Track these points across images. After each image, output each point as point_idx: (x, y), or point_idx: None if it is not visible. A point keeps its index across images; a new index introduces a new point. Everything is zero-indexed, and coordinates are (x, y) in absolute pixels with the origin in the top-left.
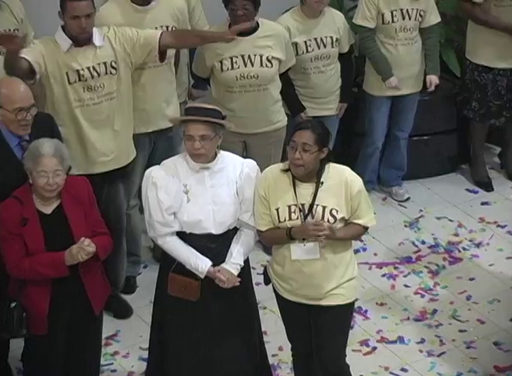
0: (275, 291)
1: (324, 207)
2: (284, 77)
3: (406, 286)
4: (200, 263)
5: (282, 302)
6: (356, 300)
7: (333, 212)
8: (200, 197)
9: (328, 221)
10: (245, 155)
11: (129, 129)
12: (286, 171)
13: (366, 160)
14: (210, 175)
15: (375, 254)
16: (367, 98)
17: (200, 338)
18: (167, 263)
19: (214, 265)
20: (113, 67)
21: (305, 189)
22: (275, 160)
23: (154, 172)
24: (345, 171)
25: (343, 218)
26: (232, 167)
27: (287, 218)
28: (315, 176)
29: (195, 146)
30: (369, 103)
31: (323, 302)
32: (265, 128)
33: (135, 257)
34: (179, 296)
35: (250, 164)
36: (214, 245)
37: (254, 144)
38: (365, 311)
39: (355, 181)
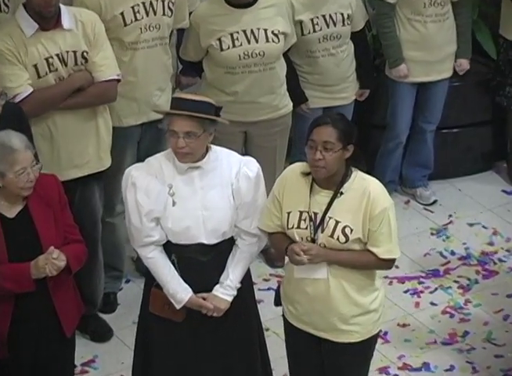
0: (283, 314)
1: (337, 223)
2: (286, 58)
3: (433, 304)
4: (180, 290)
5: (288, 329)
6: (378, 334)
7: (346, 230)
8: (188, 200)
9: (338, 239)
10: (244, 150)
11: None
12: (306, 174)
13: (388, 156)
14: (200, 175)
15: (396, 267)
16: (389, 84)
17: (188, 364)
18: (153, 277)
19: (206, 285)
20: (84, 58)
21: (322, 197)
22: (281, 152)
23: (134, 171)
24: (371, 184)
25: (359, 240)
26: (228, 165)
27: (295, 226)
28: (337, 183)
29: (178, 143)
30: (391, 90)
31: (332, 337)
32: (269, 115)
33: (117, 272)
34: (162, 315)
35: (250, 162)
36: (206, 258)
37: (257, 134)
38: (385, 333)
39: (380, 199)
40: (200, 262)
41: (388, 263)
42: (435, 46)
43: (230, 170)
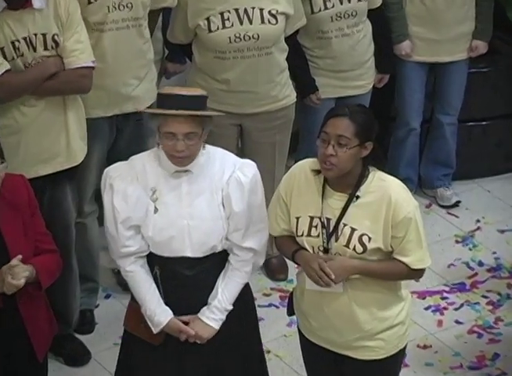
0: (298, 328)
1: (353, 230)
2: (291, 42)
3: (458, 322)
4: (158, 312)
5: (304, 344)
6: (405, 347)
7: (364, 239)
8: (173, 206)
9: (355, 249)
10: (240, 146)
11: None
12: (317, 172)
13: (399, 147)
14: (188, 180)
15: (417, 281)
16: (396, 66)
17: None
18: None
19: (191, 304)
20: (55, 42)
21: (335, 201)
22: (282, 150)
23: (113, 171)
24: (392, 185)
25: (377, 249)
26: (220, 168)
27: (305, 233)
28: (352, 185)
29: (178, 147)
30: (397, 70)
31: (353, 354)
32: (267, 107)
33: (92, 283)
34: (137, 335)
35: (246, 165)
36: (193, 273)
37: (253, 128)
38: (404, 356)
39: (404, 202)
40: (185, 276)
41: (419, 273)
42: (444, 23)
43: (222, 173)
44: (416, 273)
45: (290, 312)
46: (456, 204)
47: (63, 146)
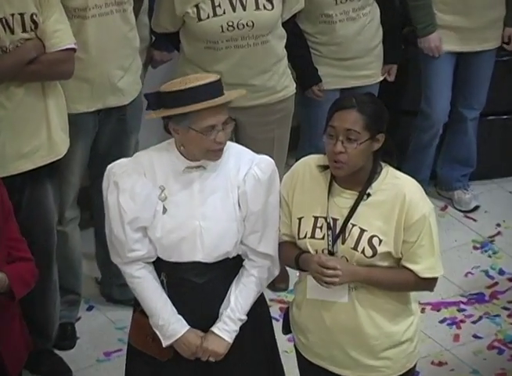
0: (295, 345)
1: (362, 231)
2: (289, 27)
3: (477, 337)
4: (173, 321)
5: (301, 363)
6: (415, 366)
7: (374, 241)
8: (183, 206)
9: (363, 252)
10: (234, 139)
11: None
12: (324, 168)
13: (423, 152)
14: (200, 177)
15: (430, 291)
16: (421, 57)
17: None
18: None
19: (201, 315)
20: (33, 22)
21: (343, 199)
22: (281, 146)
23: (117, 168)
24: (406, 184)
25: (388, 254)
26: (235, 164)
27: (309, 235)
28: (363, 181)
29: (220, 138)
30: (424, 64)
31: (356, 375)
32: (264, 99)
33: (73, 295)
34: (143, 350)
35: (263, 161)
36: (203, 280)
37: (249, 123)
38: (417, 374)
39: (419, 203)
40: (194, 284)
41: (429, 283)
42: (474, 9)
43: (238, 170)
44: (426, 284)
45: (286, 330)
46: (475, 209)
47: (44, 138)
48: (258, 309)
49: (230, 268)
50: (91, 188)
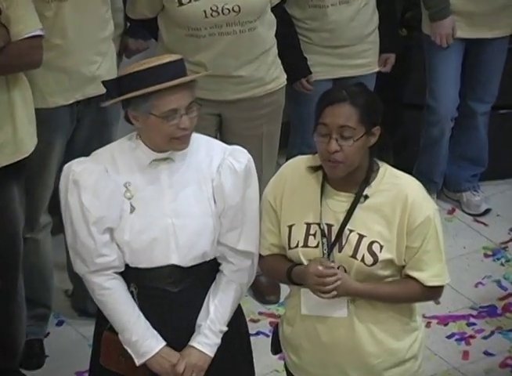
0: (285, 365)
1: (361, 237)
2: (277, 13)
3: (488, 354)
4: (148, 337)
5: None
6: None
7: (374, 248)
8: (153, 203)
9: (363, 260)
10: (219, 137)
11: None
12: (315, 169)
13: (433, 149)
14: (169, 170)
15: (437, 303)
16: (426, 45)
17: None
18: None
19: (176, 329)
20: None
21: (338, 203)
22: (270, 144)
23: (76, 165)
24: (408, 184)
25: (390, 262)
26: (207, 155)
27: (301, 244)
28: (359, 182)
29: (184, 123)
30: (429, 52)
31: None
32: (252, 92)
33: (42, 309)
34: (116, 371)
35: (237, 151)
36: (178, 289)
37: (235, 118)
38: None
39: (422, 204)
40: (168, 293)
41: (436, 292)
42: None
43: (210, 161)
44: (432, 293)
45: (276, 349)
46: (486, 212)
47: (9, 135)
48: (237, 321)
49: (206, 273)
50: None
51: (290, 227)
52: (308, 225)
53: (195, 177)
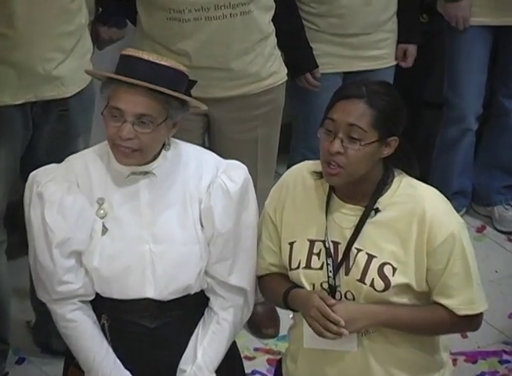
0: None
1: (371, 258)
2: None
3: None
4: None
5: None
6: None
7: (386, 270)
8: (129, 225)
9: (373, 285)
10: (206, 144)
11: None
12: (320, 175)
13: (449, 151)
14: (149, 187)
15: (464, 337)
16: (448, 32)
17: None
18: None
19: (153, 369)
20: None
21: (346, 217)
22: (268, 149)
23: (42, 175)
24: (425, 194)
25: (405, 287)
26: (196, 170)
27: (303, 265)
28: (368, 194)
29: (122, 131)
30: (451, 40)
31: None
32: (245, 89)
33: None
34: None
35: (233, 167)
36: (155, 324)
37: (226, 119)
38: None
39: (444, 219)
40: (145, 329)
41: (471, 322)
42: None
43: (200, 178)
44: (466, 323)
45: None
46: None
47: None
48: (228, 362)
49: (191, 308)
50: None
51: (291, 244)
52: (312, 242)
53: (180, 197)
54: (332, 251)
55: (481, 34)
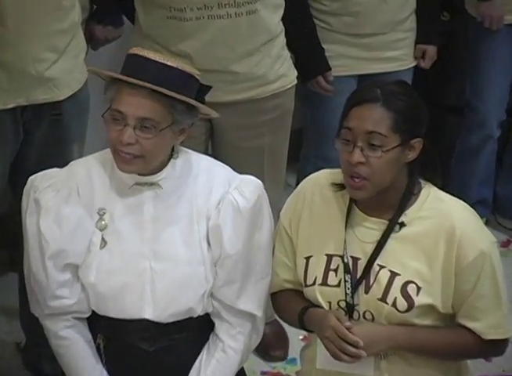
0: None
1: (394, 275)
2: None
3: None
4: None
5: None
6: None
7: (410, 290)
8: (130, 239)
9: (395, 305)
10: (211, 149)
11: None
12: (340, 187)
13: (470, 159)
14: (154, 199)
15: (488, 360)
16: (472, 30)
17: None
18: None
19: None
20: None
21: (367, 231)
22: (276, 158)
23: (41, 180)
24: (454, 209)
25: (429, 308)
26: (205, 184)
27: (319, 281)
28: (394, 206)
29: (123, 135)
30: (474, 39)
31: None
32: (251, 92)
33: None
34: None
35: (245, 182)
36: (153, 347)
37: (231, 126)
38: None
39: (474, 237)
40: (143, 352)
41: (495, 347)
42: None
43: (209, 193)
44: (491, 348)
45: None
46: None
47: None
48: None
49: (193, 331)
50: (13, 216)
51: (308, 259)
52: (329, 257)
53: (187, 212)
54: (351, 266)
55: (509, 34)
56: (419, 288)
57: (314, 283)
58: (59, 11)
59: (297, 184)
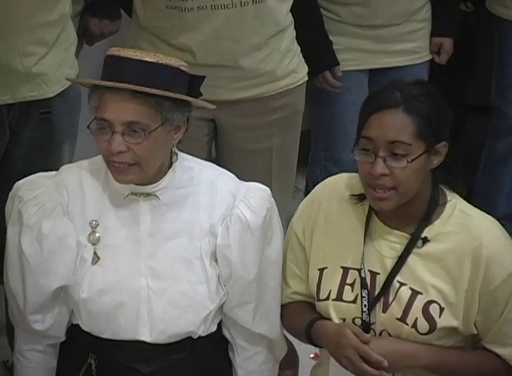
0: None
1: (415, 294)
2: None
3: None
4: None
5: None
6: None
7: (432, 310)
8: (124, 254)
9: (415, 326)
10: (214, 150)
11: None
12: (360, 198)
13: (498, 168)
14: (153, 211)
15: None
16: (496, 24)
17: None
18: None
19: None
20: None
21: (388, 244)
22: (285, 161)
23: (26, 189)
24: (482, 225)
25: (452, 331)
26: (210, 195)
27: (334, 296)
28: (417, 218)
29: (112, 144)
30: (501, 33)
31: None
32: (258, 90)
33: None
34: None
35: (253, 191)
36: (149, 369)
37: (235, 126)
38: None
39: (503, 255)
40: (139, 374)
41: None
42: None
43: (212, 208)
44: None
45: None
46: None
47: None
48: None
49: (193, 350)
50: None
51: (322, 271)
52: (346, 270)
53: (187, 226)
54: (368, 282)
55: None
56: (442, 309)
57: (328, 298)
58: (46, 1)
59: (307, 188)
